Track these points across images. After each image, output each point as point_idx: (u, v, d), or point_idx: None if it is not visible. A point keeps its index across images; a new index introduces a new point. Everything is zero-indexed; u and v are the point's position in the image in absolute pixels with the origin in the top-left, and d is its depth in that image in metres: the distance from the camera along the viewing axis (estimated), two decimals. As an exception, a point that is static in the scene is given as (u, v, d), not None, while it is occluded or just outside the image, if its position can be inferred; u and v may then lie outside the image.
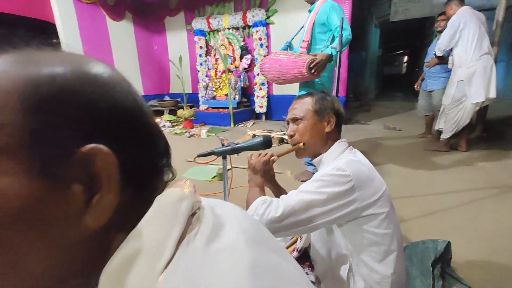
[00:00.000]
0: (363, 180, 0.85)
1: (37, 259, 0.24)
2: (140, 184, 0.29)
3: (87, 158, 0.24)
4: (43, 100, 0.23)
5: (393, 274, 0.89)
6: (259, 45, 5.08)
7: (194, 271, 0.25)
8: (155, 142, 0.30)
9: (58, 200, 0.24)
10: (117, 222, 0.27)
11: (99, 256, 0.26)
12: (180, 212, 0.28)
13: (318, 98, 0.99)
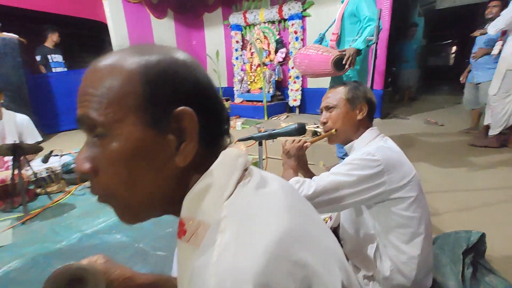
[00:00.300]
0: (392, 165, 0.90)
1: (145, 183, 0.35)
2: (211, 139, 0.39)
3: (179, 116, 0.34)
4: (153, 77, 0.34)
5: (419, 255, 0.94)
6: (294, 38, 5.09)
7: (248, 202, 0.35)
8: (221, 111, 0.40)
9: (160, 144, 0.35)
10: (195, 165, 0.37)
11: (182, 188, 0.37)
12: (237, 164, 0.38)
13: (351, 87, 1.05)
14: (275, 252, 0.29)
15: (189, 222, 0.36)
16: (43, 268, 1.33)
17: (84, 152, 0.36)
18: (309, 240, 0.34)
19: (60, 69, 4.72)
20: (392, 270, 0.96)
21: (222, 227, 0.32)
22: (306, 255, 0.31)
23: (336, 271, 0.34)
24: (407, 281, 0.95)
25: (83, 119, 0.35)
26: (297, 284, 0.29)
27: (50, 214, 1.87)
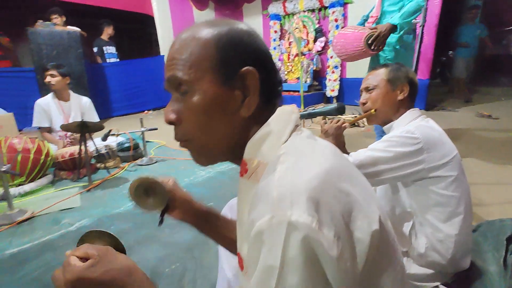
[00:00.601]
0: (432, 143, 0.91)
1: (217, 130, 0.44)
2: (268, 96, 0.46)
3: (244, 75, 0.42)
4: (224, 43, 0.42)
5: (457, 235, 0.94)
6: (334, 26, 4.97)
7: (301, 145, 0.42)
8: (276, 74, 0.47)
9: (229, 99, 0.43)
10: (255, 118, 0.44)
11: (243, 136, 0.45)
12: (291, 118, 0.45)
13: (393, 68, 1.06)
14: (324, 179, 0.35)
15: (250, 162, 0.44)
16: (106, 227, 1.55)
17: (170, 106, 0.45)
18: (352, 179, 0.40)
19: (113, 59, 5.16)
20: (427, 248, 0.98)
21: (281, 160, 0.39)
22: (349, 187, 0.37)
23: (374, 207, 0.39)
24: (442, 259, 0.96)
25: (171, 79, 0.44)
26: (341, 206, 0.35)
27: (108, 185, 2.13)
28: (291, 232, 0.32)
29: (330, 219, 0.33)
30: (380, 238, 0.37)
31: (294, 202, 0.33)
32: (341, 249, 0.33)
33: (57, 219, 1.65)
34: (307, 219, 0.32)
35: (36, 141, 2.10)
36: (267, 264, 0.33)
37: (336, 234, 0.33)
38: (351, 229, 0.35)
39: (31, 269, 1.23)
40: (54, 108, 2.57)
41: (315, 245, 0.32)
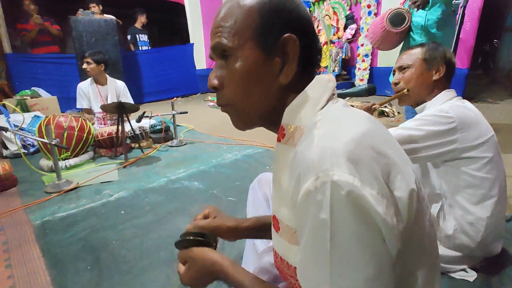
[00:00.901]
0: (467, 123, 0.89)
1: (256, 96, 0.45)
2: (307, 65, 0.46)
3: (285, 42, 0.43)
4: (266, 11, 0.43)
5: (489, 218, 0.92)
6: (367, 13, 4.78)
7: (337, 111, 0.43)
8: (316, 42, 0.47)
9: (269, 65, 0.44)
10: (292, 85, 0.45)
11: (280, 103, 0.46)
12: (328, 86, 0.46)
13: (429, 47, 1.02)
14: (361, 142, 0.36)
15: (288, 128, 0.45)
16: (141, 199, 1.67)
17: (214, 72, 0.47)
18: (388, 142, 0.41)
19: (145, 47, 5.36)
20: (455, 230, 0.97)
21: (318, 126, 0.40)
22: (387, 149, 0.38)
23: (410, 170, 0.40)
24: (471, 241, 0.95)
25: (216, 46, 0.45)
26: (379, 167, 0.35)
27: (142, 163, 2.28)
28: (336, 189, 0.33)
29: (371, 178, 0.34)
30: (417, 198, 0.38)
31: (335, 163, 0.34)
32: (386, 205, 0.34)
33: (98, 190, 1.80)
34: (349, 177, 0.33)
35: (79, 119, 2.28)
36: (319, 219, 0.34)
37: (379, 192, 0.34)
38: (391, 188, 0.36)
39: (77, 230, 1.38)
40: (92, 91, 2.76)
41: (361, 200, 0.33)
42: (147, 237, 1.30)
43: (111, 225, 1.41)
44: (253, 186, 0.94)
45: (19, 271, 1.10)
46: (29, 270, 1.11)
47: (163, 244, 1.25)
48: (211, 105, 4.82)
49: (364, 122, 0.41)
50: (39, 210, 1.58)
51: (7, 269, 1.12)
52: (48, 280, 1.05)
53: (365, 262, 0.34)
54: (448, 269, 1.01)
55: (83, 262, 1.15)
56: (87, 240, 1.30)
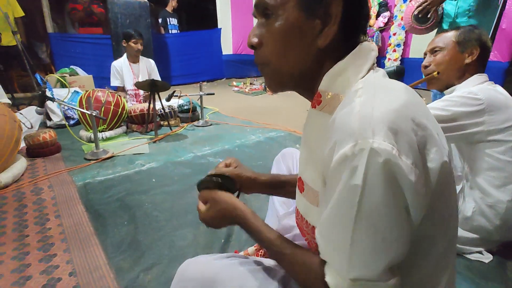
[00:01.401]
0: (497, 106, 0.89)
1: (293, 57, 0.45)
2: (350, 31, 0.45)
3: (329, 2, 0.41)
4: None
5: (510, 201, 0.93)
6: (402, 0, 4.57)
7: (379, 80, 0.43)
8: (363, 7, 0.45)
9: (309, 26, 0.43)
10: (331, 51, 0.44)
11: (317, 68, 0.46)
12: (370, 56, 0.45)
13: (465, 30, 1.00)
14: (402, 112, 0.36)
15: (325, 94, 0.45)
16: (170, 170, 1.80)
17: (254, 31, 0.48)
18: (427, 114, 0.41)
19: (175, 31, 5.49)
20: (474, 212, 0.98)
21: (359, 94, 0.40)
22: (425, 121, 0.38)
23: (445, 143, 0.41)
24: (489, 224, 0.97)
25: (259, 3, 0.46)
26: (418, 138, 0.36)
27: (171, 139, 2.41)
28: (373, 156, 0.34)
29: (408, 148, 0.35)
30: (447, 170, 0.40)
31: (375, 132, 0.34)
32: (418, 175, 0.35)
33: (131, 160, 1.95)
34: (388, 146, 0.34)
35: (115, 95, 2.44)
36: (350, 184, 0.35)
37: (414, 162, 0.35)
38: (425, 159, 0.37)
39: (115, 192, 1.52)
40: (126, 69, 2.92)
41: (395, 169, 0.34)
42: (176, 202, 1.42)
43: (144, 190, 1.54)
44: (277, 159, 0.99)
45: (66, 221, 1.26)
46: (75, 221, 1.26)
47: (190, 209, 1.36)
48: (236, 90, 4.90)
49: (405, 93, 0.40)
50: (80, 173, 1.75)
51: (56, 219, 1.28)
52: (92, 230, 1.20)
53: (386, 227, 0.36)
54: (464, 250, 1.03)
55: (120, 218, 1.29)
56: (123, 200, 1.43)
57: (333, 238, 0.39)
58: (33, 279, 0.93)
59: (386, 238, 0.36)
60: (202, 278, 0.54)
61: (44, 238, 1.14)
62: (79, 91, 3.03)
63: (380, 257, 0.37)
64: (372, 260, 0.37)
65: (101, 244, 1.11)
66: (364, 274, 0.37)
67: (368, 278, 0.37)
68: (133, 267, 1.00)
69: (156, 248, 1.10)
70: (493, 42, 1.59)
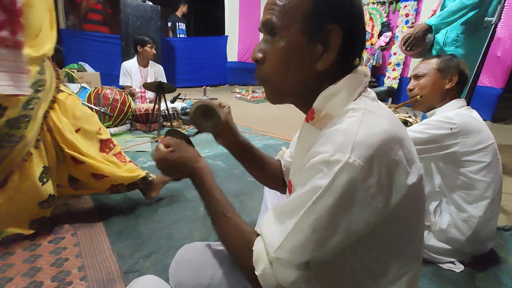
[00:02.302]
0: (469, 130, 1.00)
1: (292, 75, 0.49)
2: (347, 56, 0.49)
3: (329, 31, 0.45)
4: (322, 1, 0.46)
5: (481, 217, 1.03)
6: (404, 21, 4.74)
7: (368, 104, 0.47)
8: (361, 36, 0.49)
9: (309, 50, 0.47)
10: (328, 74, 0.48)
11: (313, 88, 0.50)
12: (363, 81, 0.49)
13: (445, 58, 1.11)
14: (382, 138, 0.41)
15: (318, 112, 0.50)
16: (171, 169, 1.89)
17: (260, 46, 0.51)
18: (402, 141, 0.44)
19: (182, 35, 5.65)
20: (449, 224, 1.08)
21: (349, 115, 0.45)
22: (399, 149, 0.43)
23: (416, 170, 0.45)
24: (462, 236, 1.06)
25: (266, 22, 0.49)
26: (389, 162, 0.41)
27: (172, 140, 2.51)
28: (344, 169, 0.39)
29: (377, 169, 0.40)
30: (416, 190, 0.44)
31: (354, 149, 0.39)
32: (378, 191, 0.40)
33: (134, 157, 2.04)
34: (360, 164, 0.39)
35: (123, 94, 2.55)
36: (316, 184, 0.41)
37: (378, 181, 0.40)
38: (391, 181, 0.42)
39: (118, 186, 1.61)
40: (135, 71, 3.03)
41: (358, 184, 0.39)
42: (176, 198, 1.51)
43: (145, 185, 1.63)
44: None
45: (74, 208, 1.35)
46: (82, 208, 1.36)
47: (188, 206, 1.45)
48: (238, 96, 5.02)
49: (388, 120, 0.45)
50: (85, 166, 1.84)
51: (64, 205, 1.36)
52: (98, 217, 1.29)
53: (323, 232, 0.41)
54: (437, 260, 1.12)
55: (123, 209, 1.38)
56: (125, 194, 1.52)
57: (281, 219, 0.45)
58: (42, 258, 1.01)
59: (319, 240, 0.41)
60: (197, 261, 0.61)
61: (53, 221, 1.23)
62: (87, 87, 3.13)
63: (307, 251, 0.42)
64: (300, 250, 0.42)
65: (106, 231, 1.19)
66: (287, 257, 0.43)
67: (288, 262, 0.43)
68: (133, 253, 1.08)
69: (155, 238, 1.18)
70: (481, 70, 1.63)
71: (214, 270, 0.60)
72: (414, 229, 0.49)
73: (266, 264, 0.45)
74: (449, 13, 1.64)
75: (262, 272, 0.45)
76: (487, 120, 4.05)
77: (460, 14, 1.64)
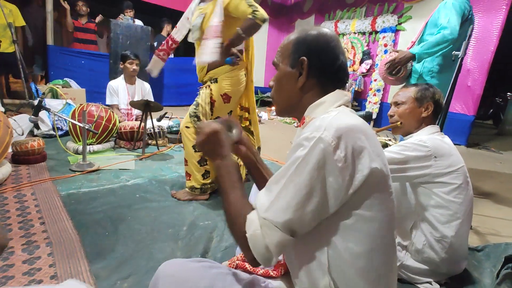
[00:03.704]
0: (441, 153, 1.07)
1: (285, 93, 0.69)
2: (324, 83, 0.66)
3: (301, 61, 0.65)
4: (298, 42, 0.67)
5: (453, 237, 1.08)
6: (383, 51, 5.06)
7: (343, 111, 0.61)
8: (331, 66, 0.65)
9: (292, 75, 0.67)
10: (307, 90, 0.66)
11: (300, 102, 0.68)
12: (344, 98, 0.65)
13: (421, 88, 1.21)
14: (350, 127, 0.56)
15: (307, 118, 0.66)
16: (154, 187, 1.87)
17: (273, 77, 0.72)
18: (368, 136, 0.58)
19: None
20: (424, 245, 1.12)
21: (328, 114, 0.61)
22: (364, 138, 0.56)
23: (378, 158, 0.57)
24: (437, 257, 1.10)
25: (273, 62, 0.72)
26: (355, 145, 0.54)
27: (157, 158, 2.49)
28: (318, 142, 0.53)
29: (344, 147, 0.54)
30: (379, 175, 0.56)
31: (326, 129, 0.54)
32: (345, 166, 0.53)
33: (117, 175, 2.01)
34: (330, 139, 0.53)
35: (108, 111, 2.53)
36: (297, 155, 0.55)
37: (345, 156, 0.53)
38: (356, 161, 0.54)
39: (98, 204, 1.57)
40: (122, 89, 3.03)
41: (328, 155, 0.52)
42: (158, 218, 1.49)
43: (127, 204, 1.60)
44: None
45: (51, 227, 1.30)
46: (60, 228, 1.31)
47: (171, 224, 1.43)
48: (225, 116, 5.08)
49: (357, 120, 0.60)
50: (65, 184, 1.79)
51: (42, 225, 1.31)
52: (77, 237, 1.24)
53: (304, 191, 0.53)
54: (415, 280, 1.15)
55: (103, 229, 1.34)
56: (106, 212, 1.49)
57: (269, 187, 0.58)
58: (15, 279, 0.96)
59: (299, 202, 0.53)
60: (177, 276, 0.64)
61: (29, 241, 1.17)
62: (72, 104, 3.09)
63: (289, 211, 0.53)
64: (284, 210, 0.54)
65: (84, 251, 1.15)
66: (273, 217, 0.54)
67: (274, 222, 0.54)
68: (111, 275, 1.05)
69: (135, 259, 1.15)
70: (451, 98, 1.78)
71: (197, 283, 0.62)
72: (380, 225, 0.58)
73: (256, 226, 0.55)
74: (431, 45, 1.80)
75: (252, 233, 0.55)
76: (462, 145, 4.28)
77: (441, 47, 1.81)
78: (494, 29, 3.89)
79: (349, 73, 0.71)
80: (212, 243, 1.31)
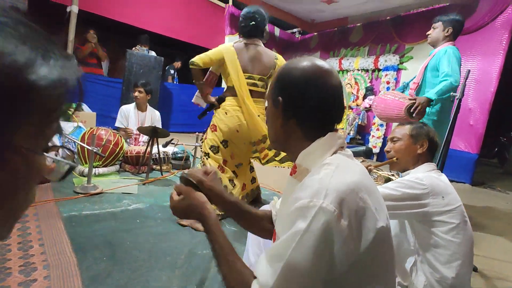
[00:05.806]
0: (438, 192, 1.08)
1: (274, 130, 0.68)
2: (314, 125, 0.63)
3: (278, 100, 0.63)
4: (279, 83, 0.67)
5: (454, 278, 1.05)
6: (385, 88, 5.22)
7: (342, 160, 0.59)
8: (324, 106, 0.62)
9: (275, 113, 0.65)
10: (303, 136, 0.63)
11: (285, 136, 0.66)
12: (337, 142, 0.62)
13: (416, 126, 1.26)
14: (351, 187, 0.52)
15: (299, 167, 0.64)
16: (155, 213, 1.88)
17: None
18: (370, 192, 0.55)
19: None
20: (425, 285, 1.10)
21: (325, 167, 0.56)
22: (367, 197, 0.53)
23: (383, 216, 0.56)
24: (439, 299, 1.07)
25: (266, 96, 0.73)
26: (358, 208, 0.51)
27: (160, 183, 2.52)
28: (319, 213, 0.49)
29: (347, 214, 0.49)
30: (384, 234, 0.53)
31: (327, 196, 0.50)
32: (349, 234, 0.49)
33: (119, 198, 2.03)
34: (332, 208, 0.49)
35: (117, 135, 2.61)
36: (297, 228, 0.49)
37: (349, 223, 0.49)
38: (361, 224, 0.51)
39: (99, 228, 1.58)
40: (132, 115, 3.15)
41: (332, 227, 0.48)
42: (157, 244, 1.48)
43: (127, 229, 1.60)
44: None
45: (50, 250, 1.30)
46: (59, 250, 1.31)
47: (169, 251, 1.42)
48: (229, 144, 5.16)
49: (358, 173, 0.56)
50: (68, 205, 1.81)
51: (41, 247, 1.32)
52: (74, 261, 1.24)
53: (310, 270, 0.49)
54: (417, 322, 1.11)
55: (100, 253, 1.34)
56: (105, 236, 1.49)
57: (271, 262, 0.52)
58: (9, 301, 0.96)
59: (304, 282, 0.49)
60: None
61: (26, 263, 1.18)
62: (82, 127, 3.20)
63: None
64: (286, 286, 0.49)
65: (80, 275, 1.15)
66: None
67: None
68: (105, 302, 1.03)
69: (130, 286, 1.14)
70: (451, 137, 1.88)
71: None
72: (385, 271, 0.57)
73: None
74: (442, 92, 1.99)
75: None
76: (467, 183, 4.24)
77: (450, 93, 2.01)
78: (493, 72, 4.03)
79: (344, 110, 0.72)
80: (209, 273, 1.29)
